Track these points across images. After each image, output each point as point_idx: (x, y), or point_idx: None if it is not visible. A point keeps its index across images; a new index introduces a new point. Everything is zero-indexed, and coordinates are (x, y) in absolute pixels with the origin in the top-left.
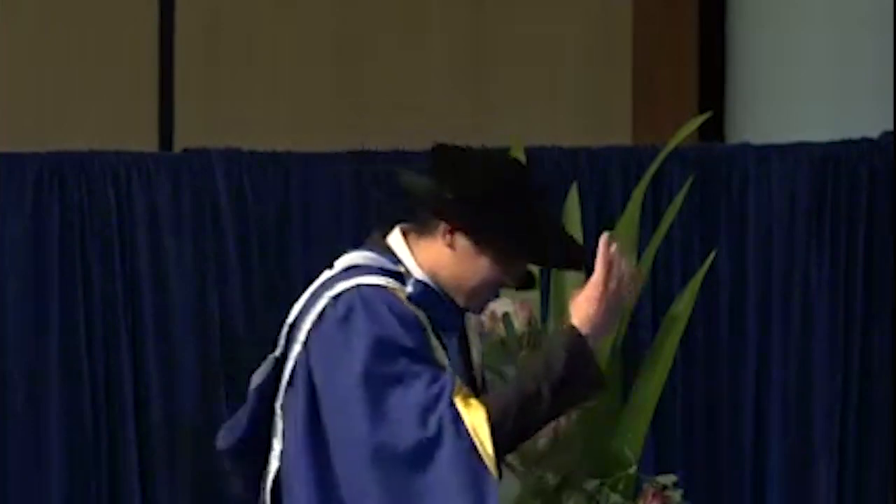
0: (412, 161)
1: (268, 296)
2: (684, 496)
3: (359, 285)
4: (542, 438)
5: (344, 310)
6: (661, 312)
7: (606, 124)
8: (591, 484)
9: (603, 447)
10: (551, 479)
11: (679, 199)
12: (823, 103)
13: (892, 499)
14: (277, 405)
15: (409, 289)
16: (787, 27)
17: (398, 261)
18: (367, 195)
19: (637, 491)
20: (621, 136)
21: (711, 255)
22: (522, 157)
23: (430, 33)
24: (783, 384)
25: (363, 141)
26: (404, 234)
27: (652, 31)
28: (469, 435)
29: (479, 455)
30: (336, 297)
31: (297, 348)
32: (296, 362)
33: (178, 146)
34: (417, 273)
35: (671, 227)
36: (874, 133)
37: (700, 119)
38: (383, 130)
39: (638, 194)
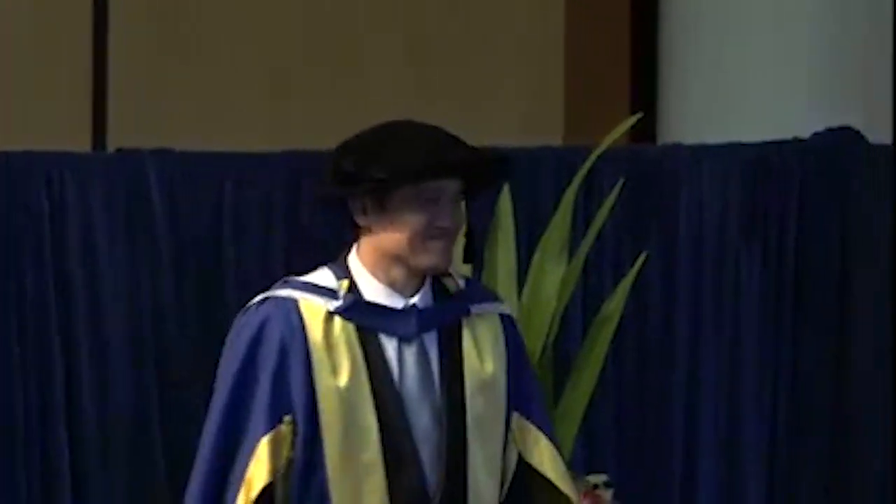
0: None
1: (200, 295)
2: (615, 496)
3: (262, 299)
4: None
5: (236, 321)
6: (593, 313)
7: (539, 125)
8: None
9: None
10: None
11: (611, 200)
12: (756, 104)
13: (824, 499)
14: None
15: (336, 303)
16: (719, 27)
17: (346, 274)
18: (299, 196)
19: None
20: (553, 136)
21: (642, 257)
22: None
23: (367, 34)
24: (714, 385)
25: (298, 140)
26: (356, 245)
27: (584, 33)
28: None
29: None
30: (245, 308)
31: None
32: None
33: (112, 146)
34: (363, 277)
35: (603, 227)
36: (806, 133)
37: (632, 120)
38: (318, 130)
39: (570, 195)
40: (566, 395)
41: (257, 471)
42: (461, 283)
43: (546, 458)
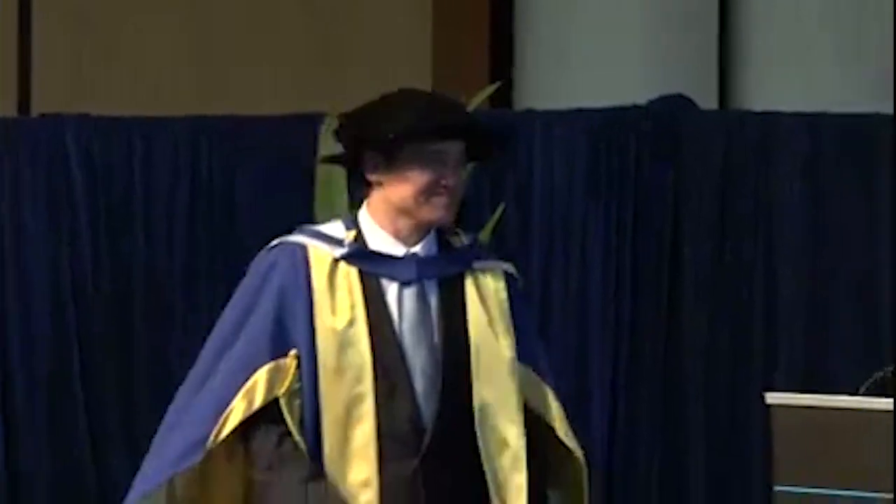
0: (244, 125)
1: (112, 253)
2: None
3: (276, 243)
4: None
5: (252, 263)
6: None
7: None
8: None
9: None
10: None
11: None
12: (600, 74)
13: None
14: None
15: (342, 250)
16: (568, 6)
17: (355, 226)
18: (202, 157)
19: None
20: None
21: (501, 208)
22: (335, 125)
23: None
24: (563, 327)
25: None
26: (366, 202)
27: (450, 11)
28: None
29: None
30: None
31: None
32: None
33: (36, 111)
34: (371, 228)
35: (467, 182)
36: (643, 100)
37: (491, 88)
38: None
39: None
40: None
41: (248, 398)
42: (466, 240)
43: (552, 410)
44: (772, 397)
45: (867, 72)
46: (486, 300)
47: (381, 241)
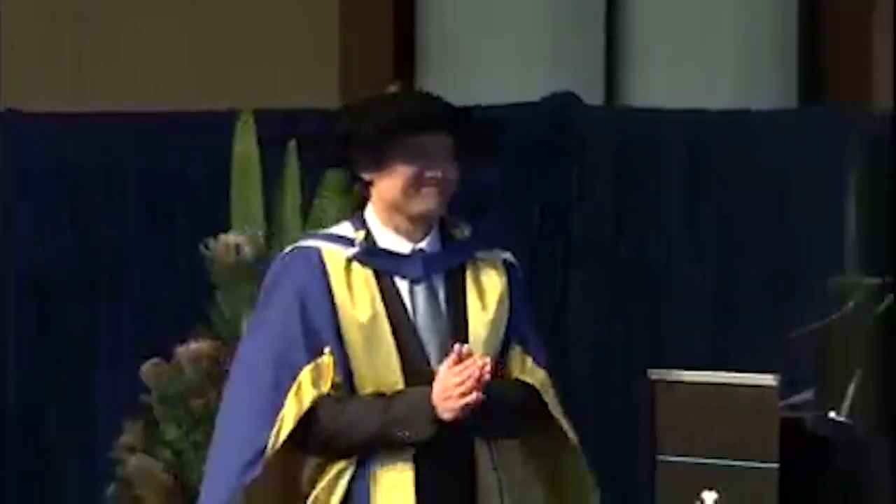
0: (182, 120)
1: (81, 246)
2: None
3: (290, 249)
4: None
5: (269, 270)
6: None
7: (318, 89)
8: None
9: None
10: None
11: None
12: (498, 70)
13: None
14: None
15: (353, 250)
16: (470, 8)
17: (363, 225)
18: (145, 151)
19: None
20: (331, 100)
21: None
22: (251, 120)
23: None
24: None
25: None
26: (371, 200)
27: (356, 14)
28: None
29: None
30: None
31: None
32: None
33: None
34: (377, 227)
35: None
36: (535, 97)
37: (395, 86)
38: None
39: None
40: None
41: (298, 401)
42: (467, 232)
43: (537, 380)
44: (655, 374)
45: (751, 70)
46: (484, 290)
47: (388, 238)
